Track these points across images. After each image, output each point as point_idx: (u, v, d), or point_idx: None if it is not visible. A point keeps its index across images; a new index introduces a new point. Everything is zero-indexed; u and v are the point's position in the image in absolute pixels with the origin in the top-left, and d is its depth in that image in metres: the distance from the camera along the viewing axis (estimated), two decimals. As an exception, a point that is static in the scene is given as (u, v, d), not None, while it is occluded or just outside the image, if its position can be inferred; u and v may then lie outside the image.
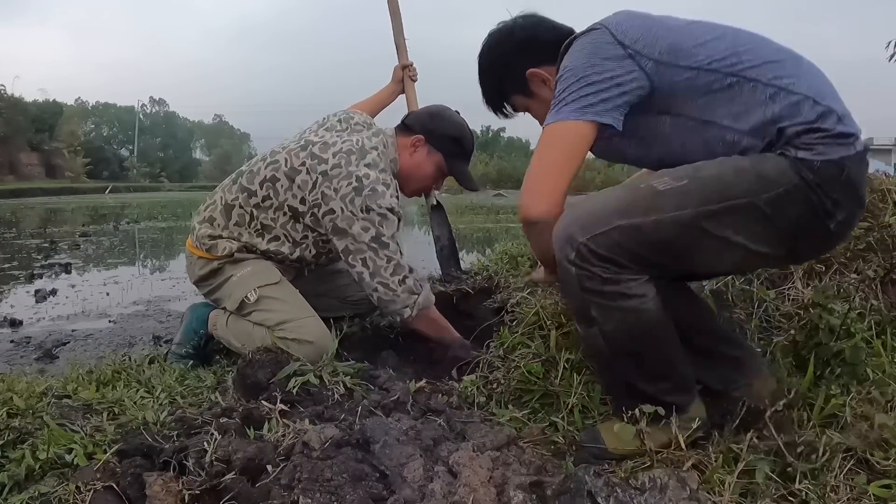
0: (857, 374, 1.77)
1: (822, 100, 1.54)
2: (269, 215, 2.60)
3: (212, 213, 2.70)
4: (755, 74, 1.56)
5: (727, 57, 1.58)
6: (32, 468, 1.62)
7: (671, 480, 1.27)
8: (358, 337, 2.82)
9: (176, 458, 1.57)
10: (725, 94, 1.57)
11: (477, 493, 1.30)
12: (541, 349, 2.11)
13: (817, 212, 1.52)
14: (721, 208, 1.50)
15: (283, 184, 2.55)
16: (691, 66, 1.58)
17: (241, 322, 2.61)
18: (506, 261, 3.39)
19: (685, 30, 1.64)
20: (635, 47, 1.59)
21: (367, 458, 1.51)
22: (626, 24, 1.64)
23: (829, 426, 1.61)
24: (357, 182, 2.44)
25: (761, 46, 1.62)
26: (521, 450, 1.64)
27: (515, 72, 1.88)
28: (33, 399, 2.02)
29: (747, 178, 1.50)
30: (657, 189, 1.55)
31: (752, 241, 1.54)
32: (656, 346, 1.59)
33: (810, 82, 1.57)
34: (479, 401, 2.02)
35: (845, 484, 1.41)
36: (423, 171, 2.74)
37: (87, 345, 3.68)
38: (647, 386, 1.61)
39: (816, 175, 1.48)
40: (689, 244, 1.54)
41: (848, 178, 1.51)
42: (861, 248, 2.44)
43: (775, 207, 1.50)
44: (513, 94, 1.95)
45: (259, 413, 1.76)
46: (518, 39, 1.88)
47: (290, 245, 2.65)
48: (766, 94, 1.54)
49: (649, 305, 1.55)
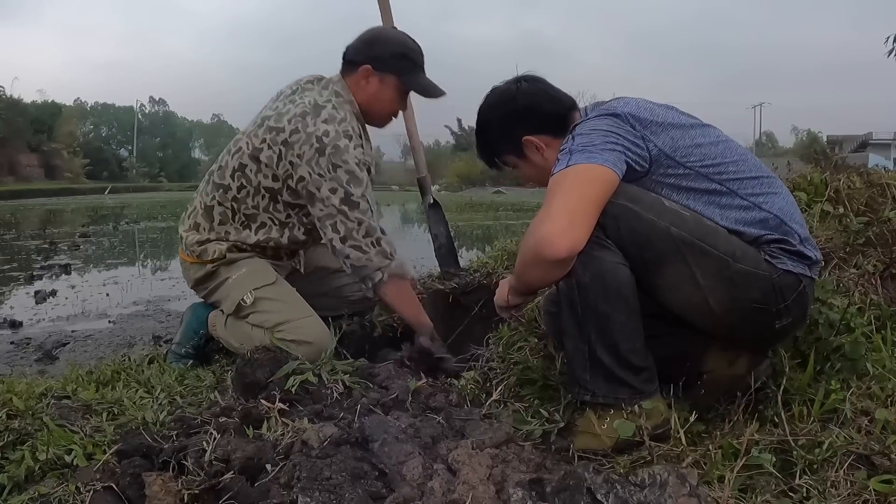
0: (857, 368, 1.76)
1: (789, 222, 1.72)
2: (248, 204, 2.56)
3: (195, 219, 2.67)
4: (735, 187, 1.73)
5: (716, 165, 1.74)
6: (32, 469, 1.62)
7: (671, 476, 1.27)
8: (357, 335, 2.81)
9: (175, 457, 1.56)
10: (706, 197, 1.72)
11: (476, 490, 1.30)
12: (539, 345, 2.11)
13: (770, 305, 1.67)
14: (704, 248, 1.64)
15: (252, 167, 2.51)
16: (685, 164, 1.72)
17: (239, 324, 2.59)
18: (504, 257, 3.38)
19: (685, 129, 1.78)
20: (644, 132, 1.72)
21: (366, 457, 1.50)
22: (636, 113, 1.75)
23: (830, 421, 1.60)
24: (318, 142, 2.38)
25: (747, 162, 1.78)
26: (521, 447, 1.64)
27: (512, 136, 1.94)
28: (33, 400, 2.02)
29: (733, 245, 1.67)
30: (664, 203, 1.68)
31: (711, 295, 1.66)
32: (626, 313, 1.65)
33: (781, 204, 1.74)
34: (479, 397, 2.02)
35: (846, 479, 1.41)
36: (383, 98, 2.63)
37: (86, 345, 3.69)
38: (608, 356, 1.65)
39: (779, 278, 1.66)
40: (663, 258, 1.65)
41: (802, 293, 1.70)
42: (860, 242, 2.44)
43: (742, 279, 1.64)
44: (506, 154, 2.02)
45: (258, 412, 1.75)
46: (519, 107, 1.93)
47: (277, 228, 2.62)
48: (742, 206, 1.72)
49: (627, 271, 1.65)
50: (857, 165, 3.50)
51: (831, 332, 1.84)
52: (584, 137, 1.69)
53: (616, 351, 1.65)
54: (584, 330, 1.67)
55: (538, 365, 2.04)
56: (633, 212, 1.64)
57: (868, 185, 2.78)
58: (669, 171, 1.72)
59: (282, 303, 2.57)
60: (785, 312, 1.69)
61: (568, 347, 1.77)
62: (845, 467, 1.43)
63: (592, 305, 1.64)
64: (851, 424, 1.57)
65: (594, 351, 1.66)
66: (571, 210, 1.58)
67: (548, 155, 1.90)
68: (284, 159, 2.44)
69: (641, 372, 1.68)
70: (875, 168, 3.40)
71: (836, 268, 2.36)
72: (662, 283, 1.68)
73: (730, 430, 1.66)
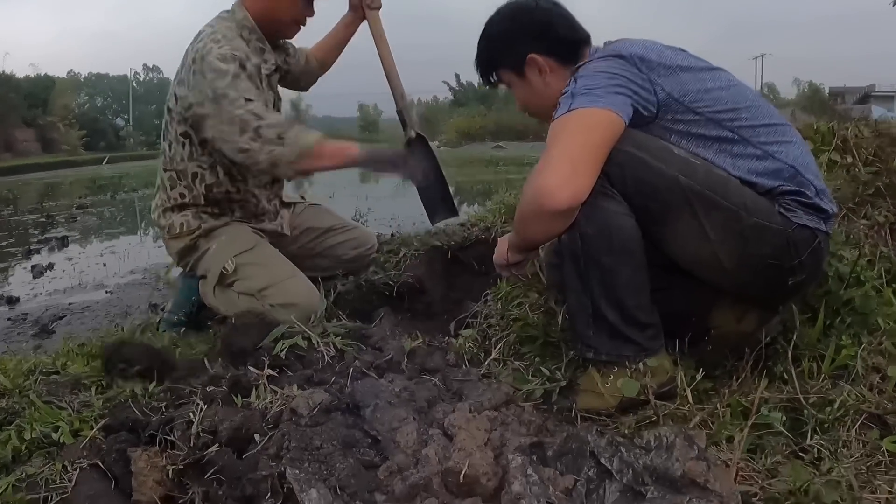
0: (867, 323, 1.70)
1: (804, 173, 1.62)
2: (177, 159, 2.48)
3: (158, 198, 2.61)
4: (748, 135, 1.63)
5: (728, 111, 1.63)
6: (19, 449, 1.59)
7: (678, 439, 1.20)
8: (352, 296, 2.75)
9: (162, 431, 1.51)
10: (717, 144, 1.63)
11: (473, 457, 1.24)
12: (539, 301, 2.05)
13: (783, 262, 1.58)
14: (714, 200, 1.54)
15: (167, 119, 2.47)
16: (695, 109, 1.62)
17: (227, 293, 2.52)
18: (503, 211, 3.30)
19: (694, 72, 1.67)
20: (651, 75, 1.62)
21: (357, 424, 1.46)
22: (645, 54, 1.65)
23: (840, 378, 1.56)
24: (193, 63, 2.25)
25: (760, 108, 1.68)
26: (521, 408, 1.59)
27: (517, 50, 1.82)
28: (21, 377, 1.98)
29: (745, 196, 1.57)
30: (673, 150, 1.59)
31: (721, 249, 1.58)
32: (631, 266, 1.58)
33: (795, 154, 1.64)
34: (478, 357, 1.96)
35: (858, 439, 1.36)
36: (282, 3, 2.45)
37: (83, 317, 3.65)
38: (612, 312, 1.58)
39: (793, 233, 1.57)
40: (670, 208, 1.56)
41: (817, 248, 1.61)
42: (870, 193, 2.40)
43: (754, 234, 1.56)
44: (504, 68, 1.90)
45: (247, 380, 1.69)
46: (533, 21, 1.81)
47: (210, 172, 2.49)
48: (755, 155, 1.62)
49: (633, 223, 1.57)
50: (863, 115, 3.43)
51: (841, 285, 1.78)
52: (588, 80, 1.59)
53: (621, 307, 1.57)
54: (587, 284, 1.59)
55: (539, 321, 1.97)
56: (640, 159, 1.54)
57: (876, 135, 2.71)
58: (678, 117, 1.62)
59: (263, 266, 2.49)
60: (799, 269, 1.60)
61: (570, 303, 1.70)
62: (857, 427, 1.39)
63: (596, 258, 1.56)
64: (863, 381, 1.53)
65: (598, 307, 1.59)
66: (573, 158, 1.49)
67: (549, 80, 1.81)
68: (179, 96, 2.36)
69: (647, 328, 1.61)
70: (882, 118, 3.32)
71: (846, 219, 2.31)
72: (670, 236, 1.60)
73: (738, 388, 1.61)
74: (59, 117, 44.76)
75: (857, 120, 2.96)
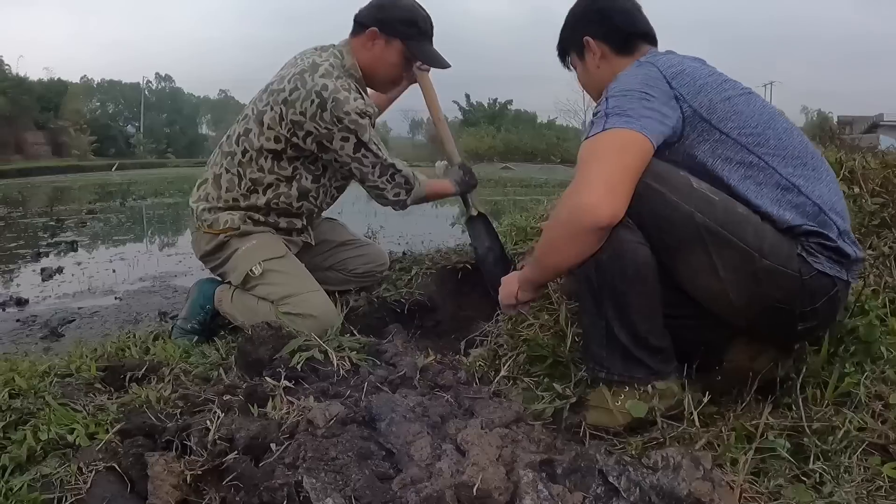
0: (871, 352, 1.72)
1: (828, 212, 1.59)
2: (254, 167, 2.58)
3: (205, 189, 2.69)
4: (775, 163, 1.61)
5: (757, 135, 1.62)
6: (34, 449, 1.60)
7: (684, 459, 1.24)
8: (364, 311, 2.78)
9: (178, 437, 1.54)
10: (743, 170, 1.61)
11: (486, 472, 1.27)
12: (550, 322, 2.08)
13: (794, 307, 1.57)
14: (729, 239, 1.53)
15: (255, 131, 2.55)
16: (722, 129, 1.62)
17: (245, 297, 2.60)
18: (513, 233, 3.33)
19: (728, 95, 1.67)
20: (681, 91, 1.63)
21: (372, 436, 1.48)
22: (677, 67, 1.68)
23: (843, 405, 1.58)
24: (317, 97, 2.41)
25: (792, 139, 1.67)
26: (531, 426, 1.61)
27: (577, 33, 1.96)
28: (35, 379, 2.01)
29: (763, 238, 1.54)
30: (692, 184, 1.58)
31: (733, 288, 1.57)
32: (644, 293, 1.59)
33: (822, 192, 1.62)
34: (488, 375, 1.99)
35: (859, 465, 1.39)
36: (387, 62, 2.65)
37: (93, 322, 3.68)
38: (626, 335, 1.60)
39: (811, 279, 1.54)
40: (683, 243, 1.57)
41: (834, 297, 1.59)
42: (876, 224, 2.41)
43: (767, 276, 1.54)
44: (570, 50, 2.03)
45: (263, 390, 1.72)
46: (596, 7, 1.95)
47: (285, 184, 2.63)
48: (779, 187, 1.60)
49: (647, 251, 1.58)
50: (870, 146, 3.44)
51: (846, 314, 1.80)
52: (619, 100, 1.61)
53: (634, 331, 1.60)
54: (601, 308, 1.62)
55: (548, 342, 2.00)
56: (657, 192, 1.55)
57: (883, 166, 2.73)
58: (705, 136, 1.63)
59: (289, 275, 2.58)
60: (811, 315, 1.59)
61: (585, 324, 1.73)
62: (859, 453, 1.41)
63: (611, 284, 1.59)
64: (865, 409, 1.55)
65: (612, 328, 1.61)
66: (610, 178, 1.50)
67: (601, 66, 1.92)
68: (286, 118, 2.47)
69: (658, 353, 1.63)
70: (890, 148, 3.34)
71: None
72: (681, 268, 1.61)
73: (743, 413, 1.63)
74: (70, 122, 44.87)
75: (864, 151, 2.98)
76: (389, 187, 2.62)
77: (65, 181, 22.29)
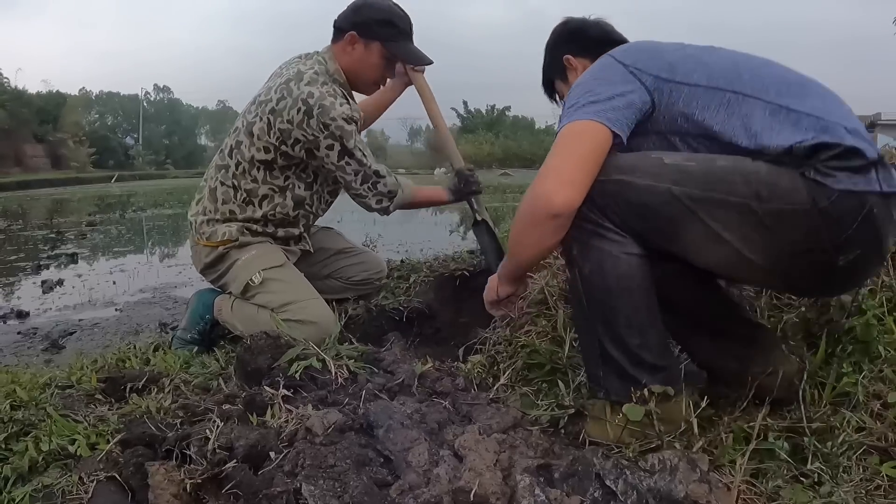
0: (869, 351, 1.73)
1: (828, 116, 1.46)
2: (248, 179, 2.62)
3: (202, 203, 2.72)
4: (756, 93, 1.51)
5: (727, 76, 1.55)
6: (36, 460, 1.61)
7: (681, 462, 1.25)
8: (362, 319, 2.79)
9: (178, 446, 1.55)
10: (725, 111, 1.52)
11: (483, 477, 1.28)
12: (547, 328, 2.09)
13: (822, 243, 1.42)
14: (717, 199, 1.44)
15: (246, 143, 2.59)
16: (689, 82, 1.55)
17: (245, 306, 2.63)
18: (511, 239, 3.34)
19: (689, 53, 1.64)
20: (636, 66, 1.60)
21: (371, 443, 1.49)
22: (629, 49, 1.69)
23: (841, 405, 1.59)
24: (304, 105, 2.46)
25: (767, 69, 1.59)
26: (528, 432, 1.61)
27: (556, 57, 2.02)
28: (37, 390, 2.03)
29: (756, 182, 1.43)
30: (663, 161, 1.51)
31: (744, 246, 1.46)
32: (630, 304, 1.53)
33: (816, 103, 1.50)
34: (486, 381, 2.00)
35: (858, 465, 1.39)
36: (368, 64, 2.69)
37: (93, 334, 3.69)
38: (618, 352, 1.55)
39: (832, 205, 1.38)
40: (674, 221, 1.49)
41: (870, 215, 1.38)
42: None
43: (776, 221, 1.42)
44: (556, 80, 2.07)
45: (262, 399, 1.73)
46: (568, 28, 2.03)
47: (279, 194, 2.66)
48: (766, 111, 1.49)
49: (631, 260, 1.52)
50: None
51: (843, 314, 1.81)
52: (573, 97, 1.60)
53: (624, 346, 1.54)
54: (591, 324, 1.59)
55: (546, 348, 2.01)
56: (626, 183, 1.50)
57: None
58: (675, 96, 1.55)
59: (288, 284, 2.61)
60: (846, 245, 1.41)
61: (581, 342, 1.71)
62: (857, 453, 1.42)
63: (596, 297, 1.55)
64: (864, 408, 1.56)
65: (603, 345, 1.57)
66: (560, 168, 1.52)
67: None
68: (274, 127, 2.51)
69: (658, 371, 1.55)
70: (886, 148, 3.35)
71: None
72: (688, 249, 1.52)
73: (740, 414, 1.63)
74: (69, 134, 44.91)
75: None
76: (371, 195, 2.66)
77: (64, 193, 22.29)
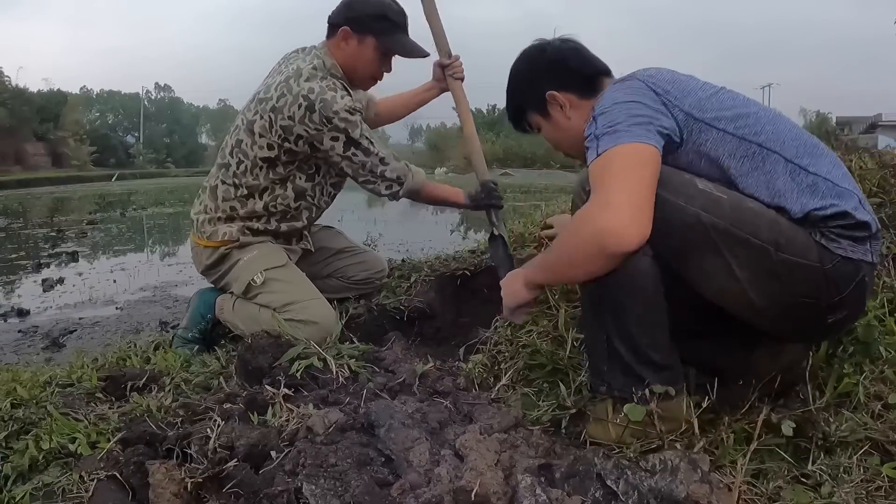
0: (870, 352, 1.73)
1: (842, 183, 1.52)
2: (249, 177, 2.62)
3: (204, 202, 2.73)
4: (777, 148, 1.54)
5: (751, 126, 1.57)
6: (36, 458, 1.62)
7: (682, 462, 1.24)
8: (363, 318, 2.79)
9: (179, 445, 1.55)
10: (749, 163, 1.54)
11: (484, 476, 1.27)
12: (549, 328, 2.09)
13: (820, 301, 1.49)
14: (740, 237, 1.46)
15: (247, 141, 2.59)
16: (718, 126, 1.56)
17: (247, 305, 2.62)
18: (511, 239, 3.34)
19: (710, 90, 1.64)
20: (667, 97, 1.59)
21: (372, 443, 1.49)
22: (656, 77, 1.64)
23: (842, 405, 1.59)
24: (304, 100, 2.46)
25: (781, 124, 1.61)
26: (529, 431, 1.61)
27: (537, 91, 1.87)
28: (37, 389, 2.03)
29: (778, 231, 1.47)
30: (697, 184, 1.52)
31: (751, 287, 1.49)
32: (643, 303, 1.53)
33: (828, 166, 1.55)
34: (487, 381, 2.00)
35: (858, 465, 1.40)
36: (362, 59, 2.68)
37: (94, 332, 3.70)
38: (625, 348, 1.55)
39: (834, 268, 1.46)
40: (692, 245, 1.50)
41: (861, 283, 1.50)
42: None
43: (787, 271, 1.46)
44: (530, 111, 1.94)
45: (263, 398, 1.73)
46: (547, 60, 1.87)
47: (280, 186, 2.66)
48: (787, 172, 1.52)
49: (648, 259, 1.51)
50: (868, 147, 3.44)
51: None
52: (607, 116, 1.55)
53: (633, 344, 1.54)
54: (601, 319, 1.58)
55: (547, 349, 2.01)
56: (659, 197, 1.46)
57: (880, 166, 2.73)
58: (703, 137, 1.56)
59: (290, 284, 2.61)
60: (839, 306, 1.50)
61: (587, 336, 1.71)
62: (858, 453, 1.42)
63: (609, 295, 1.54)
64: (864, 409, 1.56)
65: (611, 341, 1.56)
66: (633, 199, 1.42)
67: (571, 115, 1.83)
68: (276, 125, 2.51)
69: (662, 370, 1.54)
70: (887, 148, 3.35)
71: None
72: (695, 274, 1.53)
73: (742, 415, 1.62)
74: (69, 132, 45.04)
75: (860, 151, 2.98)
76: (381, 181, 2.65)
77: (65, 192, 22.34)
